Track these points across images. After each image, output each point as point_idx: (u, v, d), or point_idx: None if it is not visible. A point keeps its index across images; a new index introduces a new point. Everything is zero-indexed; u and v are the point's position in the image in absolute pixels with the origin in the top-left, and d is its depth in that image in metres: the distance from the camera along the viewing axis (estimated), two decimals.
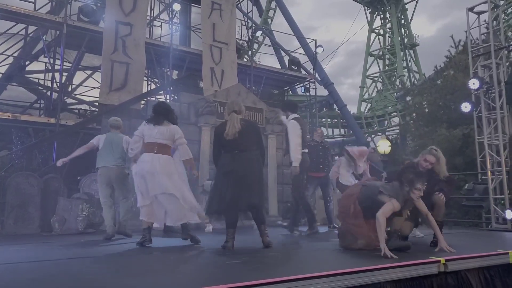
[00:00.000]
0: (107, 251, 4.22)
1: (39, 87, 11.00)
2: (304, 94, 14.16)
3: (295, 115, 5.71)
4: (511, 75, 7.40)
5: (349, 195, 4.10)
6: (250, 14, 14.46)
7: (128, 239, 5.23)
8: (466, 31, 8.19)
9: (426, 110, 11.92)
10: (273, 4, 26.27)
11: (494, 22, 7.85)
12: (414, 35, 35.94)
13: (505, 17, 25.48)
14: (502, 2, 26.84)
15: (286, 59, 15.34)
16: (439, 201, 4.38)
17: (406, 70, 34.04)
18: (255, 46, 20.45)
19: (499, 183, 6.98)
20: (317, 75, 14.70)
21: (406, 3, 36.21)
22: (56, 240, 5.39)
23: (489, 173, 7.07)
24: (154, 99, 10.12)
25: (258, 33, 15.55)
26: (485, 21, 7.74)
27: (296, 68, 13.30)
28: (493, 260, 3.50)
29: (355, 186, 4.31)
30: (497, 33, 7.70)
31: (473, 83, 7.16)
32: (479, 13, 7.69)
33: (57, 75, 9.48)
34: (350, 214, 3.93)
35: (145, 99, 9.52)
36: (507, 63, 8.45)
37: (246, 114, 8.86)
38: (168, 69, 11.05)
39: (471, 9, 7.73)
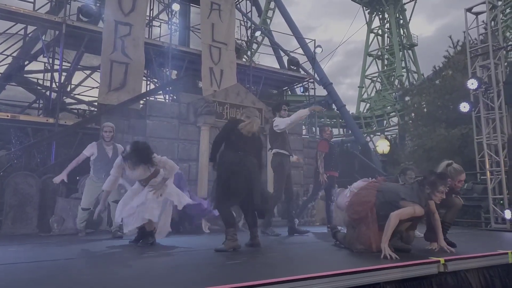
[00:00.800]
0: (106, 250, 4.21)
1: (38, 87, 10.98)
2: (303, 94, 14.16)
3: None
4: (509, 75, 7.41)
5: (363, 202, 3.81)
6: (249, 14, 14.46)
7: (124, 239, 5.21)
8: (464, 32, 8.21)
9: (425, 110, 11.94)
10: (272, 4, 26.29)
11: (492, 22, 7.86)
12: (412, 35, 36.00)
13: (503, 18, 25.56)
14: (500, 3, 26.98)
15: (285, 59, 15.34)
16: (459, 203, 4.29)
17: (404, 70, 34.10)
18: (254, 46, 20.45)
19: (498, 183, 6.99)
20: (316, 75, 14.70)
21: (405, 4, 36.27)
22: (54, 240, 5.38)
23: (488, 173, 7.07)
24: (153, 99, 10.11)
25: (257, 33, 15.53)
26: (483, 21, 7.76)
27: (295, 68, 13.30)
28: (492, 260, 3.51)
29: (368, 191, 3.92)
30: (495, 33, 7.71)
31: (472, 83, 7.18)
32: (477, 14, 7.70)
33: (56, 75, 9.47)
34: (364, 222, 3.72)
35: (144, 99, 9.50)
36: (506, 63, 8.46)
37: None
38: (167, 69, 11.04)
39: (469, 10, 7.74)
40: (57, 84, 9.34)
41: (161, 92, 11.33)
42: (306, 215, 8.82)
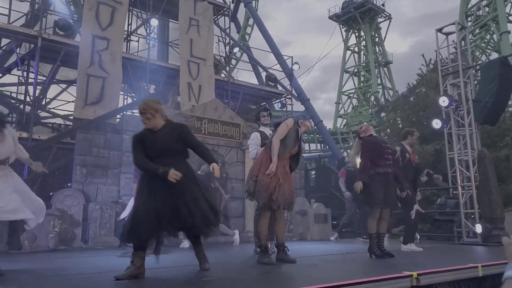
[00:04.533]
0: (78, 268, 4.09)
1: (12, 100, 10.71)
2: (281, 109, 14.33)
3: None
4: (478, 93, 7.71)
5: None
6: (227, 31, 14.62)
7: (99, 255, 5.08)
8: (436, 51, 8.52)
9: (400, 126, 12.23)
10: (251, 21, 26.67)
11: (462, 42, 8.20)
12: (387, 53, 37.17)
13: (472, 38, 26.71)
14: (469, 24, 28.24)
15: (263, 75, 15.52)
16: (386, 215, 4.66)
17: (380, 86, 35.01)
18: (233, 62, 20.63)
19: (469, 197, 7.18)
20: (293, 91, 14.92)
21: (380, 22, 37.51)
22: (25, 258, 5.19)
23: (459, 188, 7.27)
24: (130, 113, 10.01)
25: (236, 49, 15.70)
26: (453, 41, 8.08)
27: (273, 84, 13.47)
28: (463, 274, 3.59)
29: None
30: (465, 53, 8.05)
31: (443, 101, 7.43)
32: (447, 34, 8.02)
33: (30, 88, 9.27)
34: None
35: (121, 114, 9.40)
36: (475, 82, 8.81)
37: (223, 129, 8.88)
38: (145, 84, 10.99)
39: (440, 30, 8.06)
40: (32, 97, 9.14)
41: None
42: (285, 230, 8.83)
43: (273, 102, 14.62)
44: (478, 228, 6.73)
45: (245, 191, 4.25)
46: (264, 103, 14.75)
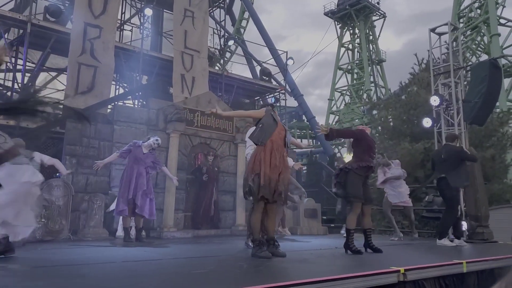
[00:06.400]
0: (64, 260, 4.07)
1: None
2: (275, 104, 14.33)
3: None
4: (467, 94, 7.80)
5: None
6: (223, 23, 14.54)
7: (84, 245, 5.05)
8: (428, 50, 8.59)
9: (391, 124, 12.34)
10: (246, 14, 26.54)
11: (454, 43, 8.28)
12: (381, 51, 37.34)
13: (464, 39, 26.94)
14: (461, 25, 28.45)
15: (257, 69, 15.49)
16: (368, 211, 4.81)
17: (373, 84, 35.18)
18: (227, 55, 20.53)
19: None
20: (287, 86, 14.92)
21: (374, 20, 37.63)
22: None
23: None
24: (121, 104, 9.93)
25: (230, 42, 15.62)
26: (445, 41, 8.16)
27: (267, 78, 13.45)
28: (448, 270, 3.66)
29: None
30: (456, 53, 8.13)
31: (434, 100, 7.52)
32: (440, 34, 8.10)
33: (18, 75, 9.12)
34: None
35: (112, 104, 9.31)
36: (465, 82, 8.91)
37: (216, 122, 8.86)
38: (137, 74, 10.89)
39: (433, 30, 8.13)
40: (20, 84, 8.99)
41: (130, 97, 11.14)
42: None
43: (267, 97, 14.62)
44: (464, 226, 6.84)
45: (245, 191, 4.15)
46: (258, 97, 14.75)
